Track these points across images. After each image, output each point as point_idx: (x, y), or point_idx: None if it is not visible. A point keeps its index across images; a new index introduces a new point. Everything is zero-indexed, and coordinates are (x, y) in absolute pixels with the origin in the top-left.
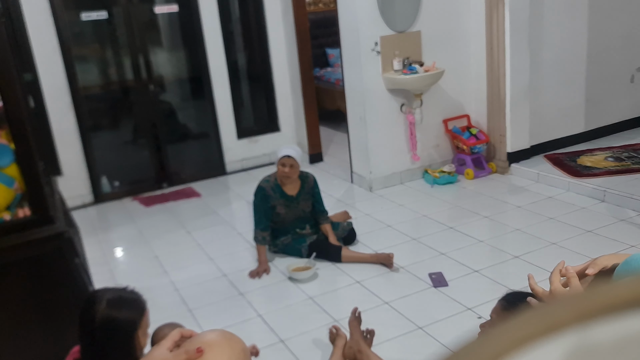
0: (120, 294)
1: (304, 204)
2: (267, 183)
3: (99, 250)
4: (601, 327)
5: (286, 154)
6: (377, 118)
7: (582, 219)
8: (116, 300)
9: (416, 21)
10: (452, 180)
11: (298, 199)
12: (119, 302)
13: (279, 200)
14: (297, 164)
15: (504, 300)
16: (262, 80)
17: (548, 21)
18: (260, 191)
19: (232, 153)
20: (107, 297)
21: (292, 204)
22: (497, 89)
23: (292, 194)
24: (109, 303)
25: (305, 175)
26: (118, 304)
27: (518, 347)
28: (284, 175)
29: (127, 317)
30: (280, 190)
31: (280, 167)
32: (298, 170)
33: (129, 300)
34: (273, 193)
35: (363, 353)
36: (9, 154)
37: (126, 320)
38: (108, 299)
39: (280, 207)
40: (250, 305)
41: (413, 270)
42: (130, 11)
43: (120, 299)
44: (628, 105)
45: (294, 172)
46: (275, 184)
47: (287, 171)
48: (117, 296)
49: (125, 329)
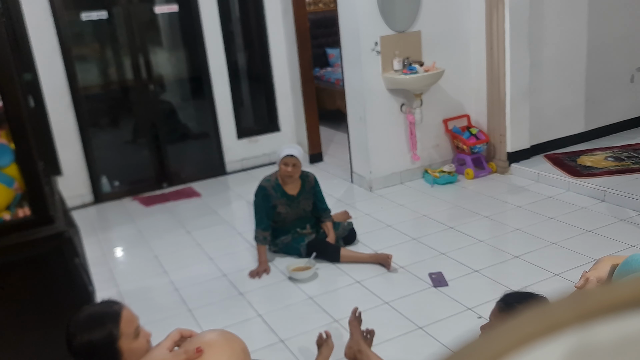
0: (89, 313)
1: (304, 203)
2: (268, 182)
3: (99, 250)
4: (601, 327)
5: (289, 153)
6: (377, 118)
7: (582, 219)
8: (84, 321)
9: (416, 21)
10: (452, 180)
11: (299, 198)
12: (87, 322)
13: (280, 199)
14: (299, 164)
15: (501, 302)
16: (262, 80)
17: (548, 21)
18: (261, 191)
19: (232, 153)
20: (76, 321)
21: (293, 203)
22: (497, 89)
23: (293, 193)
24: (79, 327)
25: (305, 175)
26: (87, 325)
27: (518, 347)
28: (287, 175)
29: (99, 335)
30: (281, 189)
31: (283, 167)
32: (300, 169)
33: (97, 316)
34: (274, 192)
35: (363, 353)
36: (9, 154)
37: (100, 338)
38: (77, 323)
39: (282, 207)
40: (250, 305)
41: (413, 270)
42: (130, 11)
43: (89, 318)
44: (628, 105)
45: (297, 172)
46: (276, 184)
47: (290, 170)
48: (85, 317)
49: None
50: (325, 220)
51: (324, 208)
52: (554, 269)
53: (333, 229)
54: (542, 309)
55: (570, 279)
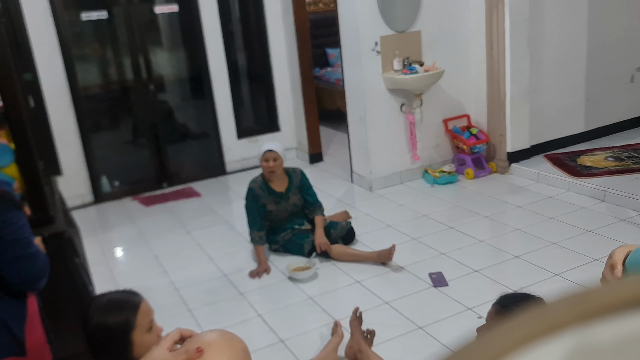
0: (110, 298)
1: (294, 198)
2: (255, 183)
3: (99, 250)
4: (601, 327)
5: (268, 148)
6: (377, 118)
7: (582, 219)
8: (104, 305)
9: (416, 21)
10: (452, 180)
11: (287, 195)
12: (107, 306)
13: (268, 198)
14: (280, 158)
15: (497, 304)
16: (262, 80)
17: (548, 21)
18: (250, 192)
19: (232, 153)
20: (96, 303)
21: (282, 200)
22: (497, 89)
23: (281, 190)
24: (98, 309)
25: (292, 170)
26: (106, 309)
27: (518, 347)
28: (269, 170)
29: (116, 320)
30: (269, 188)
31: (264, 163)
32: (282, 164)
33: (118, 302)
34: (262, 192)
35: (363, 353)
36: (9, 154)
37: (116, 323)
38: (97, 305)
39: (271, 205)
40: (250, 305)
41: (413, 270)
42: (130, 11)
43: (109, 302)
44: (628, 105)
45: (278, 167)
46: (263, 182)
47: (272, 165)
48: (105, 301)
49: (117, 333)
50: (317, 214)
51: (314, 201)
52: (554, 269)
53: (331, 228)
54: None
55: (570, 279)
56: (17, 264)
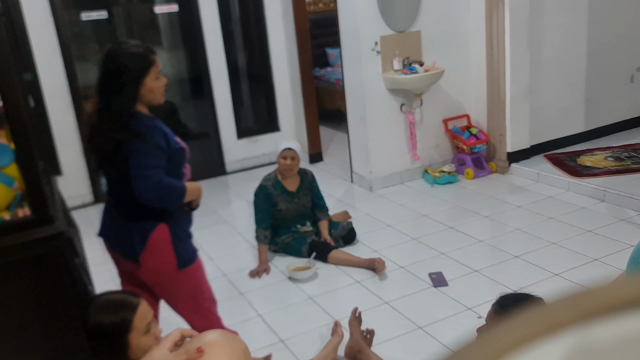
0: (108, 298)
1: (304, 199)
2: (268, 181)
3: (99, 250)
4: (601, 327)
5: (287, 146)
6: (377, 118)
7: (582, 219)
8: (102, 305)
9: (416, 21)
10: (452, 180)
11: (298, 194)
12: (104, 307)
13: (280, 196)
14: (298, 157)
15: (497, 305)
16: (262, 80)
17: (548, 21)
18: (262, 190)
19: (232, 153)
20: (95, 303)
21: (293, 199)
22: (497, 89)
23: (293, 189)
24: (95, 309)
25: (304, 171)
26: (103, 309)
27: (518, 347)
28: (286, 168)
29: (112, 321)
30: (281, 186)
31: (282, 160)
32: (299, 163)
33: (115, 303)
34: (274, 190)
35: (363, 353)
36: (9, 154)
37: (112, 324)
38: (95, 305)
39: (282, 203)
40: (250, 305)
41: (413, 270)
42: (130, 11)
43: (106, 303)
44: (628, 105)
45: (296, 165)
46: (276, 181)
47: (289, 163)
48: (103, 301)
49: (113, 333)
50: (322, 219)
51: (322, 205)
52: (554, 269)
53: (332, 228)
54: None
55: (570, 279)
56: (134, 181)
